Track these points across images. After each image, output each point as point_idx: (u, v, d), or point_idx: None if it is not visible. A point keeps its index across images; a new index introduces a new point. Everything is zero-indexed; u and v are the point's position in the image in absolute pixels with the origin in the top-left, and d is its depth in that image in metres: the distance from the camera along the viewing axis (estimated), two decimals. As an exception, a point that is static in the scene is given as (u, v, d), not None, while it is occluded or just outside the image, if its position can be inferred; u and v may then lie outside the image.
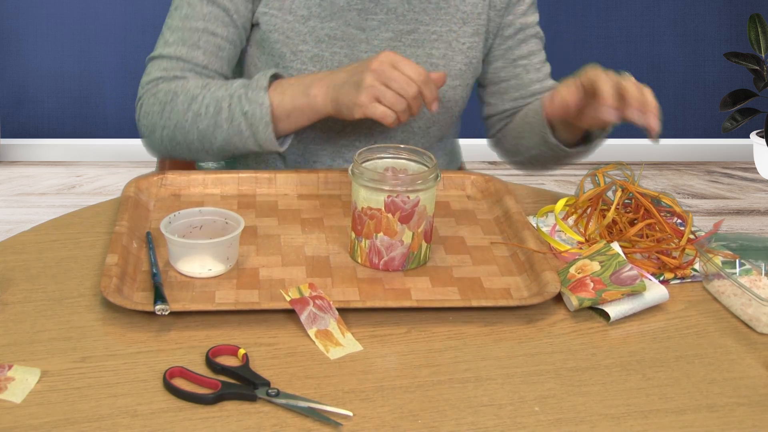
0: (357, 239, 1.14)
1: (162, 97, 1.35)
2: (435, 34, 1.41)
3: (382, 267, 1.13)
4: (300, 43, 1.37)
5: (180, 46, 1.37)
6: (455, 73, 1.43)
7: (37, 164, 3.56)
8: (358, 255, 1.14)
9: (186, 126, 1.33)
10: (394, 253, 1.12)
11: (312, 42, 1.37)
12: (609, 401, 0.92)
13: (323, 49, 1.37)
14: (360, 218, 1.12)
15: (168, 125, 1.34)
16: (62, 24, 3.47)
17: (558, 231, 1.24)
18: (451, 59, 1.43)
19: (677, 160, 3.82)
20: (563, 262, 1.17)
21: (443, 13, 1.42)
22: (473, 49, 1.44)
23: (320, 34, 1.37)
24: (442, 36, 1.42)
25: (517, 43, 1.48)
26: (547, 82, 1.51)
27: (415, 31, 1.41)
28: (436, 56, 1.42)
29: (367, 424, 0.87)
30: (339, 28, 1.38)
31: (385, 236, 1.11)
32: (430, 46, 1.41)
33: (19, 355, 0.95)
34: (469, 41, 1.44)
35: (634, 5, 3.63)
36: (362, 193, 1.11)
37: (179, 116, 1.33)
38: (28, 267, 1.12)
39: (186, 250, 1.09)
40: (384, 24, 1.39)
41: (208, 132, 1.32)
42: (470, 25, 1.43)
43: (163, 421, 0.86)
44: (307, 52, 1.37)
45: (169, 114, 1.34)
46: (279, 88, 1.29)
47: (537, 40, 1.50)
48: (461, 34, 1.43)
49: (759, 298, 1.04)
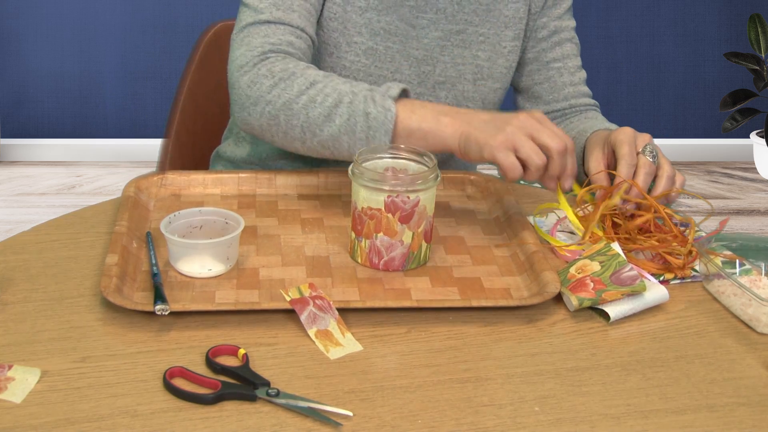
0: (357, 239, 1.14)
1: (278, 72, 1.25)
2: (482, 36, 1.43)
3: (382, 267, 1.13)
4: (355, 35, 1.37)
5: (275, 10, 1.30)
6: (497, 76, 1.46)
7: (37, 164, 3.56)
8: (358, 255, 1.14)
9: (295, 108, 1.22)
10: (394, 253, 1.12)
11: (367, 34, 1.38)
12: (609, 401, 0.92)
13: (378, 43, 1.38)
14: (360, 218, 1.12)
15: (275, 102, 1.23)
16: (62, 24, 3.47)
17: (560, 230, 1.24)
18: (495, 62, 1.45)
19: (677, 160, 3.82)
20: (563, 261, 1.17)
21: (491, 15, 1.43)
22: (513, 53, 1.47)
23: (376, 27, 1.38)
24: (488, 38, 1.44)
25: (552, 46, 1.49)
26: (581, 87, 1.52)
27: (464, 31, 1.42)
28: (482, 58, 1.44)
29: (367, 424, 0.87)
30: (393, 23, 1.38)
31: (385, 236, 1.11)
32: (477, 48, 1.43)
33: (19, 355, 0.95)
34: (510, 45, 1.46)
35: (634, 5, 3.63)
36: (362, 193, 1.11)
37: (292, 96, 1.23)
38: (28, 267, 1.12)
39: (186, 250, 1.09)
40: (434, 23, 1.40)
41: (317, 121, 1.21)
42: (511, 29, 1.45)
43: (163, 421, 0.86)
44: (362, 44, 1.38)
45: (281, 91, 1.23)
46: (409, 105, 1.20)
47: (572, 45, 1.51)
48: (504, 38, 1.45)
49: (759, 298, 1.04)
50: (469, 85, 1.44)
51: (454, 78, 1.43)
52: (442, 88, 1.44)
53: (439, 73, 1.43)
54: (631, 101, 3.75)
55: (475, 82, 1.44)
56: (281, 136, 1.26)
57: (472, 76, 1.44)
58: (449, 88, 1.44)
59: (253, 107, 1.26)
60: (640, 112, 3.77)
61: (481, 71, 1.44)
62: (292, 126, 1.24)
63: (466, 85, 1.44)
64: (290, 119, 1.23)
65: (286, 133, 1.25)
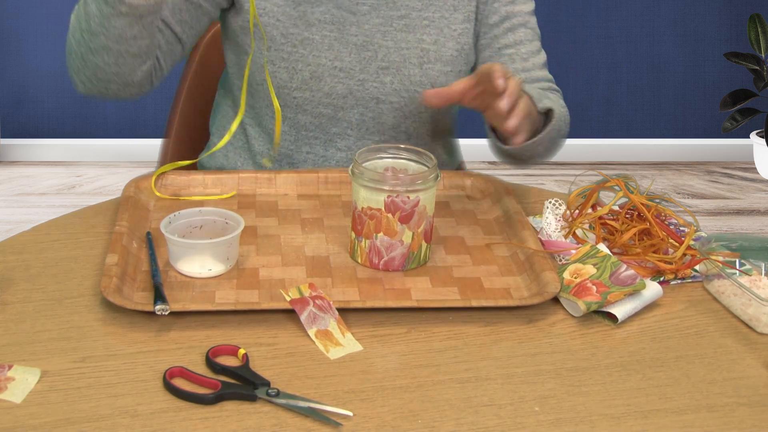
0: (357, 239, 1.14)
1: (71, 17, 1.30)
2: (426, 20, 1.42)
3: (382, 267, 1.13)
4: (291, 27, 1.38)
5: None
6: (447, 59, 1.43)
7: (37, 164, 3.56)
8: (358, 255, 1.14)
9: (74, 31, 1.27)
10: (394, 253, 1.12)
11: (303, 25, 1.38)
12: (609, 401, 0.92)
13: (313, 33, 1.38)
14: (360, 218, 1.12)
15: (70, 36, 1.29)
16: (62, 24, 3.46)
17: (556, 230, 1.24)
18: (443, 45, 1.43)
19: (677, 160, 3.82)
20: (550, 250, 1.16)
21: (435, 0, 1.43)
22: (464, 35, 1.45)
23: (311, 18, 1.38)
24: (433, 22, 1.42)
25: (503, 32, 1.46)
26: (535, 72, 1.47)
27: (407, 16, 1.41)
28: (428, 41, 1.42)
29: (367, 424, 0.87)
30: (329, 12, 1.38)
31: (385, 236, 1.11)
32: (422, 32, 1.42)
33: (19, 355, 0.95)
34: (460, 27, 1.44)
35: (634, 5, 3.63)
36: (362, 193, 1.11)
37: (73, 22, 1.27)
38: (28, 267, 1.12)
39: (186, 250, 1.09)
40: (375, 9, 1.40)
41: (82, 15, 1.25)
42: (461, 12, 1.44)
43: (163, 421, 0.86)
44: (298, 35, 1.38)
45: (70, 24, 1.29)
46: None
47: (527, 30, 1.48)
48: (452, 21, 1.43)
49: (759, 298, 1.04)
50: (415, 69, 1.42)
51: (399, 62, 1.42)
52: (387, 73, 1.42)
53: (381, 58, 1.41)
54: (631, 101, 3.74)
55: (421, 65, 1.42)
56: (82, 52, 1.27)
57: (418, 60, 1.42)
58: (394, 73, 1.42)
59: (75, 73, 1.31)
60: (640, 112, 3.77)
61: (427, 55, 1.42)
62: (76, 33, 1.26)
63: (412, 69, 1.42)
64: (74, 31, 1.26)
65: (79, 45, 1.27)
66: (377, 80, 1.42)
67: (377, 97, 1.42)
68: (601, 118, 3.76)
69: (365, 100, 1.42)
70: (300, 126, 1.45)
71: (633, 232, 1.17)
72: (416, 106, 1.44)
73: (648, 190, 1.27)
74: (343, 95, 1.42)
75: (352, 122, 1.44)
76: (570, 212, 1.24)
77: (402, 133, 1.46)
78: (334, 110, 1.43)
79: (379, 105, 1.43)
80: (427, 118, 1.47)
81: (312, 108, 1.42)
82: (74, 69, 1.31)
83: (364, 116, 1.44)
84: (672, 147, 3.81)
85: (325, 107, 1.42)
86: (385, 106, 1.43)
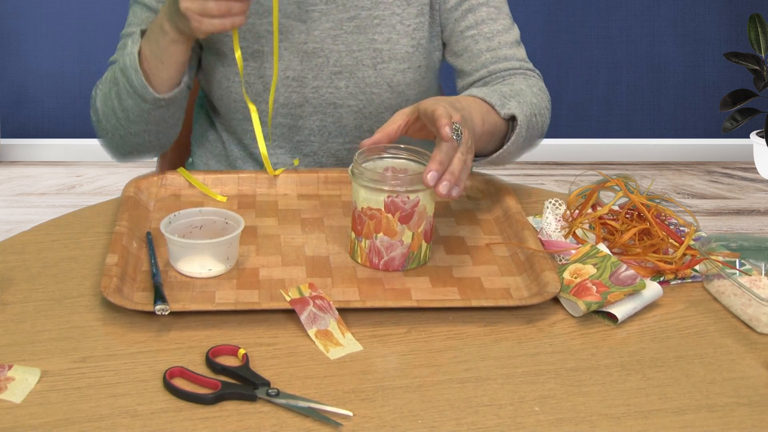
0: (357, 239, 1.14)
1: (93, 97, 1.41)
2: (377, 18, 1.39)
3: (382, 267, 1.13)
4: (240, 40, 1.37)
5: (122, 49, 1.40)
6: (402, 57, 1.40)
7: (37, 164, 3.56)
8: (358, 255, 1.14)
9: (106, 110, 1.37)
10: (394, 253, 1.12)
11: (252, 38, 1.37)
12: (609, 401, 0.92)
13: (263, 45, 1.37)
14: (360, 218, 1.12)
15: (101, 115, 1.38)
16: (62, 24, 3.47)
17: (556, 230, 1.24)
18: (396, 42, 1.40)
19: (677, 160, 3.82)
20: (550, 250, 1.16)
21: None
22: (419, 30, 1.41)
23: (260, 30, 1.37)
24: (384, 20, 1.39)
25: (463, 14, 1.41)
26: (502, 51, 1.41)
27: (357, 17, 1.39)
28: (380, 41, 1.39)
29: (367, 424, 0.87)
30: (278, 22, 1.36)
31: (385, 236, 1.11)
32: (373, 32, 1.39)
33: (19, 355, 0.95)
34: (414, 22, 1.40)
35: (634, 5, 3.63)
36: (362, 194, 1.11)
37: (102, 103, 1.37)
38: (28, 267, 1.12)
39: (186, 250, 1.09)
40: (324, 14, 1.38)
41: (115, 103, 1.34)
42: (414, 6, 1.40)
43: (163, 421, 0.86)
44: (247, 48, 1.38)
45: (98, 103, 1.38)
46: (145, 38, 1.31)
47: (489, 8, 1.41)
48: (405, 16, 1.40)
49: (759, 298, 1.04)
50: (369, 70, 1.40)
51: (351, 66, 1.39)
52: (341, 78, 1.40)
53: (333, 63, 1.39)
54: (631, 101, 3.75)
55: (375, 66, 1.40)
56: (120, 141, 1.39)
57: (371, 60, 1.39)
58: (348, 77, 1.40)
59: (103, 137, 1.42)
60: (640, 112, 3.77)
61: (380, 55, 1.39)
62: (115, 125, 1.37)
63: (366, 70, 1.40)
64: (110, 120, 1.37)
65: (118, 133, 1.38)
66: (332, 86, 1.40)
67: (334, 102, 1.41)
68: (601, 118, 3.76)
69: (322, 106, 1.41)
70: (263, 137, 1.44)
71: (633, 232, 1.17)
72: (375, 107, 1.42)
73: (648, 190, 1.27)
74: (299, 104, 1.41)
75: (314, 129, 1.43)
76: (570, 212, 1.24)
77: (366, 132, 1.44)
78: (293, 119, 1.42)
79: (337, 110, 1.42)
80: (389, 118, 1.42)
81: (271, 119, 1.41)
82: (111, 145, 1.43)
83: (324, 122, 1.43)
84: (672, 147, 3.81)
85: (284, 117, 1.42)
86: (344, 110, 1.42)
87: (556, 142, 3.73)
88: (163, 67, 1.30)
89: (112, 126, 1.37)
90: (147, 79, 1.30)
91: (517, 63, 1.42)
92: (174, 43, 1.28)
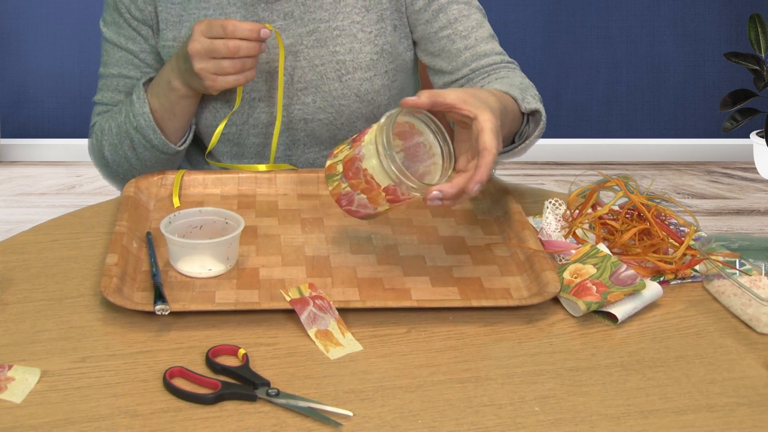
0: (342, 178, 1.10)
1: (95, 144, 1.44)
2: (337, 29, 1.37)
3: (345, 210, 1.12)
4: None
5: (105, 92, 1.44)
6: (366, 65, 1.38)
7: (37, 164, 3.56)
8: (332, 186, 1.11)
9: (117, 159, 1.41)
10: (364, 212, 1.10)
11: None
12: (609, 401, 0.92)
13: None
14: (357, 170, 1.08)
15: (111, 162, 1.43)
16: (62, 24, 3.47)
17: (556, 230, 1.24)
18: (359, 51, 1.38)
19: (677, 160, 3.82)
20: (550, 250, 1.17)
21: (342, 5, 1.37)
22: (381, 35, 1.38)
23: None
24: (344, 30, 1.37)
25: (434, 15, 1.39)
26: (481, 47, 1.39)
27: (316, 30, 1.37)
28: (342, 52, 1.37)
29: (367, 424, 0.87)
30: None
31: (367, 200, 1.09)
32: (334, 43, 1.37)
33: (19, 355, 0.95)
34: (376, 28, 1.38)
35: (634, 5, 3.63)
36: (374, 161, 1.07)
37: (112, 153, 1.41)
38: (28, 267, 1.12)
39: (186, 250, 1.09)
40: (283, 31, 1.36)
41: (129, 154, 1.39)
42: (373, 12, 1.38)
43: (163, 421, 0.86)
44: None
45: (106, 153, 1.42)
46: (151, 92, 1.36)
47: (459, 6, 1.39)
48: (366, 23, 1.38)
49: (759, 298, 1.04)
50: (335, 83, 1.38)
51: (317, 81, 1.38)
52: (307, 93, 1.39)
53: (298, 80, 1.38)
54: (631, 101, 3.75)
55: (340, 78, 1.38)
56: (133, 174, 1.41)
57: (336, 73, 1.38)
58: (314, 92, 1.39)
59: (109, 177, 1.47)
60: (640, 112, 3.77)
61: (344, 66, 1.38)
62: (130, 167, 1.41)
63: (332, 83, 1.38)
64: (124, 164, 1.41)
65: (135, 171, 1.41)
66: (299, 102, 1.39)
67: (304, 118, 1.40)
68: (601, 118, 3.76)
69: (293, 122, 1.41)
70: (240, 156, 1.45)
71: (633, 232, 1.17)
72: (347, 118, 1.41)
73: (648, 190, 1.27)
74: (269, 123, 1.41)
75: (288, 144, 1.43)
76: (570, 212, 1.24)
77: (342, 140, 1.44)
78: (266, 138, 1.42)
79: (308, 124, 1.41)
80: (362, 126, 1.43)
81: (244, 140, 1.42)
82: (119, 183, 1.46)
83: (297, 136, 1.43)
84: (672, 147, 3.82)
85: (256, 137, 1.42)
86: (315, 124, 1.41)
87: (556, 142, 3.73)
88: (175, 119, 1.36)
89: (124, 170, 1.42)
90: (162, 133, 1.36)
91: (497, 57, 1.41)
92: (184, 98, 1.33)
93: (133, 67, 1.42)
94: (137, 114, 1.34)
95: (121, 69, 1.42)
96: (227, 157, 1.46)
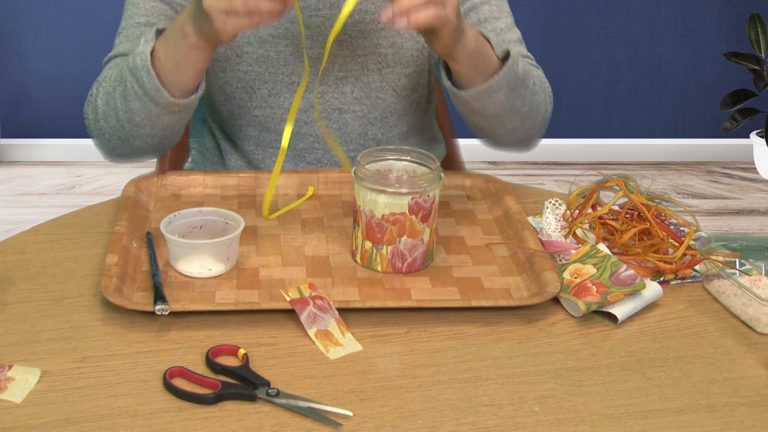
0: (376, 247, 1.12)
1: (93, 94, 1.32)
2: (381, 23, 1.35)
3: (405, 270, 1.12)
4: (244, 45, 1.36)
5: (125, 43, 1.34)
6: (407, 60, 1.40)
7: (37, 164, 3.56)
8: (377, 263, 1.12)
9: (107, 111, 1.28)
10: (416, 254, 1.12)
11: (256, 43, 1.36)
12: (609, 401, 0.92)
13: (267, 49, 1.36)
14: (380, 226, 1.11)
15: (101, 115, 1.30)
16: (62, 24, 3.47)
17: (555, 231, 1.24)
18: (401, 47, 1.39)
19: (677, 160, 3.82)
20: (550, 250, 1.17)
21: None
22: None
23: (263, 34, 1.36)
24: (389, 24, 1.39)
25: (465, 13, 1.39)
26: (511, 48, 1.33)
27: (361, 21, 1.38)
28: (384, 45, 1.39)
29: (367, 424, 0.87)
30: (282, 26, 1.36)
31: (409, 239, 1.11)
32: (377, 36, 1.38)
33: (19, 355, 0.95)
34: None
35: (634, 5, 3.63)
36: (382, 200, 1.09)
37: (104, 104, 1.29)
38: (28, 267, 1.12)
39: (186, 250, 1.09)
40: (328, 20, 1.37)
41: (119, 104, 1.26)
42: None
43: (163, 421, 0.86)
44: (252, 54, 1.37)
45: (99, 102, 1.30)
46: (162, 38, 1.22)
47: (491, 7, 1.40)
48: None
49: (759, 298, 1.04)
50: (374, 75, 1.39)
51: (357, 71, 1.39)
52: (346, 83, 1.40)
53: (338, 69, 1.39)
54: (631, 101, 3.74)
55: (380, 71, 1.39)
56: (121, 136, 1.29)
57: (376, 65, 1.39)
58: (353, 82, 1.40)
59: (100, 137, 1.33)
60: (640, 112, 3.77)
61: (385, 59, 1.39)
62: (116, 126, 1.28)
63: (372, 75, 1.39)
64: (110, 121, 1.28)
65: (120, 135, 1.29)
66: (337, 91, 1.40)
67: (339, 107, 1.41)
68: (601, 118, 3.76)
69: (327, 111, 1.41)
70: (266, 143, 1.44)
71: (633, 232, 1.17)
72: (380, 112, 1.42)
73: (648, 190, 1.27)
74: (304, 109, 1.40)
75: (318, 135, 1.43)
76: (570, 212, 1.24)
77: (370, 140, 1.44)
78: (298, 126, 1.42)
79: (342, 115, 1.41)
80: (394, 122, 1.45)
81: (275, 125, 1.41)
82: (106, 146, 1.33)
83: (329, 128, 1.42)
84: (672, 147, 3.81)
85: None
86: (349, 116, 1.41)
87: (556, 142, 3.73)
88: (178, 72, 1.21)
89: (110, 127, 1.29)
90: (160, 81, 1.22)
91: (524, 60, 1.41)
92: (194, 48, 1.19)
93: (165, 18, 1.34)
94: (137, 53, 1.21)
95: (150, 18, 1.33)
96: (251, 142, 1.45)
